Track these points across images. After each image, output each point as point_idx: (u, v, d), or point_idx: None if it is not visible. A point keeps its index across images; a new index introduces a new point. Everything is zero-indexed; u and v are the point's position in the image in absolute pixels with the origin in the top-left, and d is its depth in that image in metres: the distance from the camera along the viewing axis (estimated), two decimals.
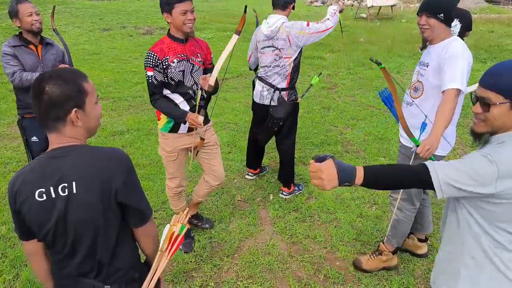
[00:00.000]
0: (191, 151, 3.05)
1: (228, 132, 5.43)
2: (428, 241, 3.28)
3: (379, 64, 2.11)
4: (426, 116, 2.54)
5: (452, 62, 2.45)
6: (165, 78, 2.73)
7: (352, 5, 19.61)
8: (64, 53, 3.57)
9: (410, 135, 2.46)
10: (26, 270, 3.01)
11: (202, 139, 3.00)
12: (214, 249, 3.30)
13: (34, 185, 1.42)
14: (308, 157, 4.81)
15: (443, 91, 2.45)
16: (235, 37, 2.70)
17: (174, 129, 2.92)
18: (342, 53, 10.13)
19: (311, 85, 3.76)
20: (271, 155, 4.85)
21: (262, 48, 3.63)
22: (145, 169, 4.42)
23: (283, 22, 3.50)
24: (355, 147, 5.07)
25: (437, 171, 1.39)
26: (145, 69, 2.72)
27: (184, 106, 2.85)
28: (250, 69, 4.04)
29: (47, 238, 1.49)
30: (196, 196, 3.31)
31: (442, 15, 2.52)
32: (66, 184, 1.41)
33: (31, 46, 3.34)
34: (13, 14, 3.27)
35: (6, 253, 3.19)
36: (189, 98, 2.86)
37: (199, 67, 2.84)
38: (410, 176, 1.43)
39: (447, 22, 2.56)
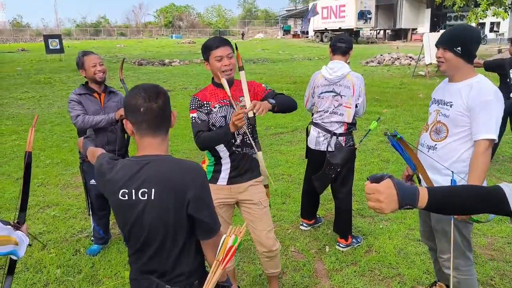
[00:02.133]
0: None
1: (282, 183, 5.32)
2: None
3: (394, 136, 2.01)
4: (453, 172, 2.32)
5: (487, 109, 2.27)
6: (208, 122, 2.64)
7: (410, 64, 19.49)
8: None
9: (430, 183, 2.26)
10: None
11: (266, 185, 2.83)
12: None
13: (120, 184, 1.59)
14: (366, 209, 4.55)
15: (476, 140, 2.31)
16: (242, 73, 2.70)
17: (213, 180, 2.70)
18: (400, 108, 9.91)
19: (369, 130, 3.63)
20: (326, 206, 4.65)
21: (321, 93, 3.59)
22: None
23: (350, 71, 3.51)
24: None
25: None
26: (189, 113, 2.65)
27: (224, 153, 2.67)
28: (310, 111, 3.95)
29: (125, 232, 1.67)
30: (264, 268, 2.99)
31: (459, 48, 2.33)
32: (146, 190, 1.56)
33: (95, 94, 3.56)
34: (79, 65, 3.52)
35: None
36: (230, 145, 2.66)
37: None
38: (483, 199, 1.24)
39: (466, 57, 2.36)
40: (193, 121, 2.61)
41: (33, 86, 13.74)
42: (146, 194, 1.56)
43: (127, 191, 1.58)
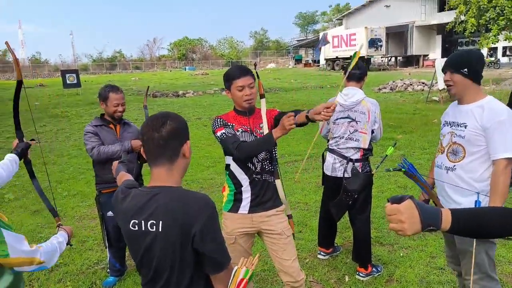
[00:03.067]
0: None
1: (298, 212, 5.26)
2: None
3: (399, 170, 2.04)
4: (478, 193, 2.33)
5: (502, 129, 2.33)
6: None
7: (423, 89, 19.46)
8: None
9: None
10: None
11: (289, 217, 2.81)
12: None
13: (131, 214, 1.59)
14: (385, 237, 4.45)
15: (494, 160, 2.35)
16: (263, 100, 2.72)
17: (234, 209, 2.68)
18: (415, 134, 9.83)
19: (386, 155, 3.59)
20: (344, 234, 4.56)
21: (336, 119, 3.59)
22: None
23: (365, 97, 3.52)
24: None
25: None
26: (214, 134, 2.60)
27: (245, 180, 2.63)
28: (325, 138, 3.93)
29: (137, 262, 1.67)
30: None
31: (465, 69, 2.40)
32: (154, 222, 1.55)
33: (111, 126, 3.61)
34: (102, 98, 3.57)
35: None
36: (250, 172, 2.63)
37: None
38: (509, 221, 1.20)
39: (474, 78, 2.43)
40: (224, 136, 2.54)
41: (50, 120, 14.04)
42: (154, 226, 1.55)
43: (137, 221, 1.58)
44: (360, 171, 3.51)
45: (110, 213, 3.56)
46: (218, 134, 2.57)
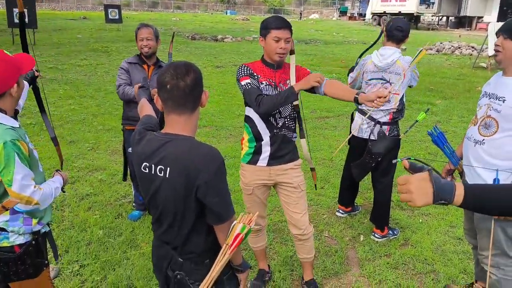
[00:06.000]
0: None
1: (322, 168, 5.28)
2: None
3: (408, 158, 1.96)
4: (497, 170, 2.18)
5: None
6: None
7: (471, 54, 18.46)
8: None
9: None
10: (113, 274, 3.13)
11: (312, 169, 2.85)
12: (294, 282, 3.12)
13: (143, 157, 1.66)
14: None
15: None
16: (293, 57, 2.64)
17: (253, 161, 2.71)
18: (455, 100, 9.47)
19: (416, 121, 3.50)
20: (366, 195, 4.58)
21: (369, 79, 3.50)
22: (235, 194, 4.44)
23: (400, 56, 3.38)
24: None
25: None
26: (238, 81, 2.55)
27: (266, 134, 2.64)
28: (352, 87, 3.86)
29: (146, 202, 1.76)
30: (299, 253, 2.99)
31: None
32: (163, 167, 1.60)
33: (145, 66, 3.63)
34: (135, 36, 3.60)
35: (99, 256, 3.36)
36: (272, 127, 2.64)
37: None
38: None
39: None
40: (248, 87, 2.50)
41: (91, 54, 14.28)
42: (162, 171, 1.60)
43: (148, 164, 1.64)
44: (388, 134, 3.46)
45: (130, 150, 3.69)
46: (243, 83, 2.54)
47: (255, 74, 2.58)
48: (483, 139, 2.40)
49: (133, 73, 3.59)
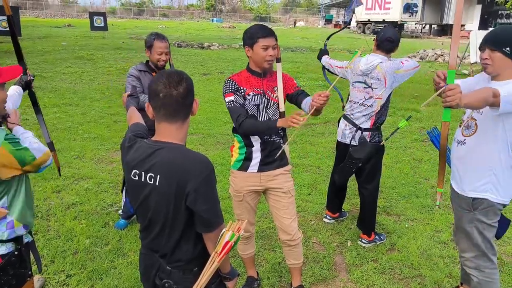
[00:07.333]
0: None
1: (309, 175, 5.31)
2: None
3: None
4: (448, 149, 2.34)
5: None
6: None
7: None
8: None
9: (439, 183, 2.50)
10: (100, 284, 3.10)
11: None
12: None
13: (133, 165, 1.66)
14: (393, 207, 4.49)
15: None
16: (279, 65, 2.71)
17: (244, 167, 2.74)
18: (439, 106, 9.62)
19: (398, 128, 3.57)
20: (353, 201, 4.62)
21: (354, 82, 3.58)
22: (224, 201, 4.44)
23: (381, 62, 3.44)
24: (448, 202, 4.63)
25: None
26: (224, 97, 2.61)
27: (256, 141, 2.68)
28: (318, 59, 4.14)
29: (135, 209, 1.76)
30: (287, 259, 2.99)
31: (508, 48, 2.23)
32: (153, 175, 1.60)
33: (154, 73, 3.63)
34: (148, 45, 3.55)
35: (86, 265, 3.32)
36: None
37: (275, 102, 2.71)
38: None
39: None
40: (232, 105, 2.58)
41: (76, 61, 14.17)
42: (152, 179, 1.60)
43: (138, 172, 1.64)
44: (369, 140, 3.51)
45: None
46: (227, 100, 2.60)
47: (240, 87, 2.62)
48: (464, 139, 2.48)
49: (144, 81, 3.57)
